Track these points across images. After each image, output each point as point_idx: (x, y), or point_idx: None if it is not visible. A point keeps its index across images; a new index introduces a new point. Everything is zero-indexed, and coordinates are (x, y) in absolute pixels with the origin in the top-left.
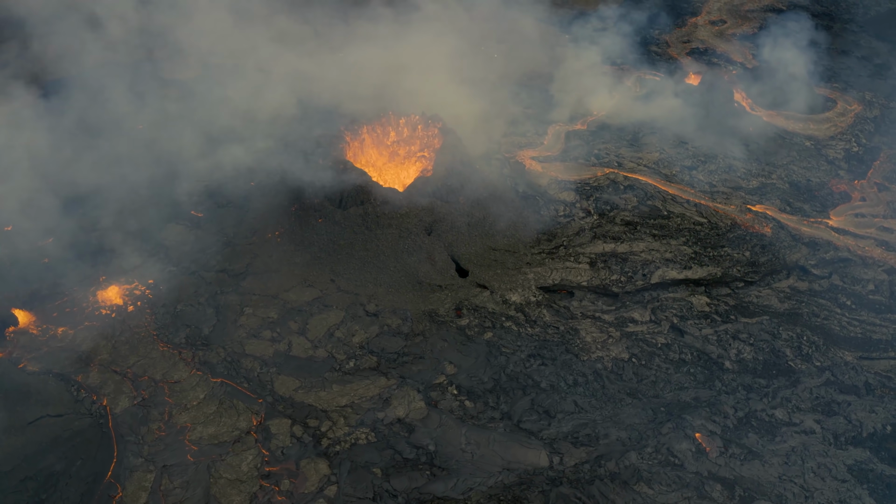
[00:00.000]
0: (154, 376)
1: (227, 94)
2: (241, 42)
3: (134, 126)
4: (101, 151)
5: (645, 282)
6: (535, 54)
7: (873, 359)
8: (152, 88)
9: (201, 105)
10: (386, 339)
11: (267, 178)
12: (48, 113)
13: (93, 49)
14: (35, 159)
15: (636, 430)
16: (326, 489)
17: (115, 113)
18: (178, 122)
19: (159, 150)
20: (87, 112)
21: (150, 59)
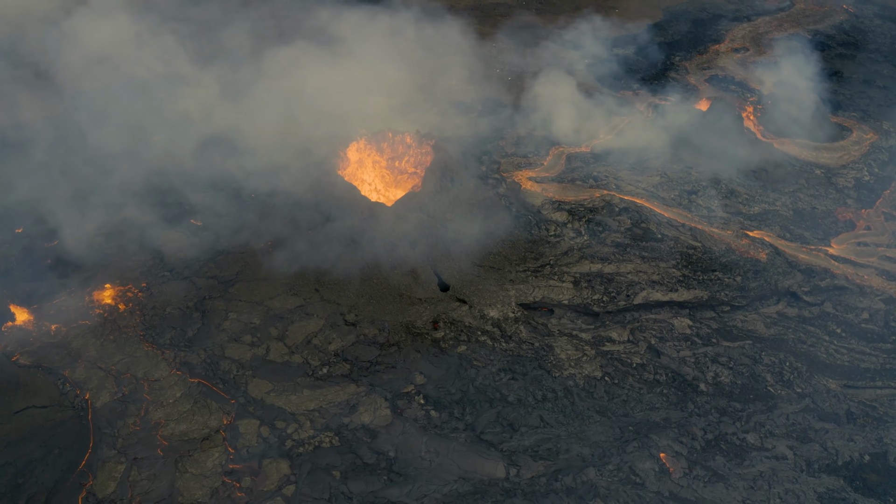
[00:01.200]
0: (136, 374)
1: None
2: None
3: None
4: (110, 157)
5: (627, 302)
6: (549, 79)
7: (859, 387)
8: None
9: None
10: (361, 348)
11: (265, 188)
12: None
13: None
14: (50, 166)
15: (600, 448)
16: (285, 488)
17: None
18: (181, 134)
19: (166, 158)
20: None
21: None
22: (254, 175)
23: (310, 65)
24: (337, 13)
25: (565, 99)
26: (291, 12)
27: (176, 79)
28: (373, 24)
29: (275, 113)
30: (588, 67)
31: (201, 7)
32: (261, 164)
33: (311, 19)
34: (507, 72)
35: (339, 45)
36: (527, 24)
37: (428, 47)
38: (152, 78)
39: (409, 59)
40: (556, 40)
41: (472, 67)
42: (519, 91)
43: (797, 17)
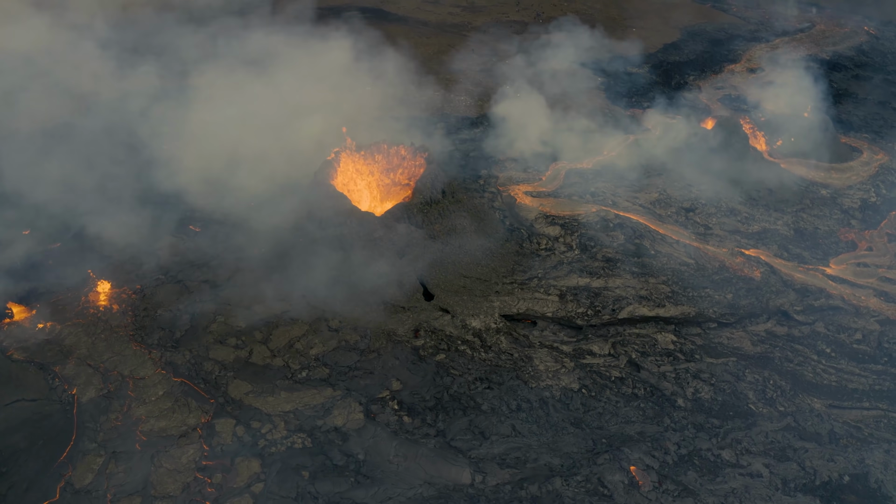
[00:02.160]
0: (123, 372)
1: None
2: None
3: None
4: (117, 165)
5: (612, 316)
6: (560, 95)
7: (844, 408)
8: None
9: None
10: (341, 353)
11: (264, 197)
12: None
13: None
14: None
15: (570, 458)
16: (254, 486)
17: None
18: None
19: (170, 168)
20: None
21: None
22: (251, 183)
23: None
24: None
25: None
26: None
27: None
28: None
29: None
30: (600, 85)
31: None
32: (261, 174)
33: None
34: (515, 88)
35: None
36: (544, 43)
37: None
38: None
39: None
40: (568, 57)
41: (480, 82)
42: (527, 105)
43: (816, 38)
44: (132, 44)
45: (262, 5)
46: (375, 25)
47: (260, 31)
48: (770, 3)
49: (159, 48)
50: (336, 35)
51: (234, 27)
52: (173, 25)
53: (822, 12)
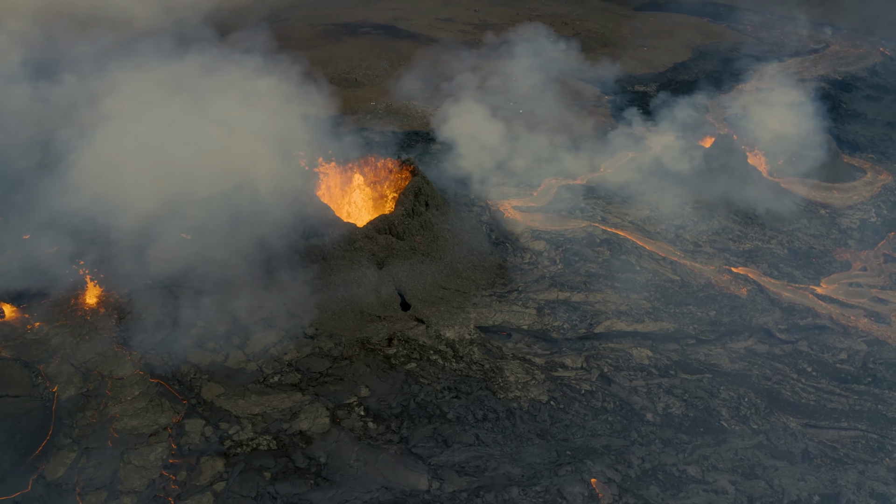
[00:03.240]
0: (103, 372)
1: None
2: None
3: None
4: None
5: (588, 331)
6: (564, 113)
7: (821, 427)
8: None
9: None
10: (314, 360)
11: (251, 207)
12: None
13: None
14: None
15: (532, 469)
16: (216, 484)
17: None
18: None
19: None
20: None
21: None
22: (244, 194)
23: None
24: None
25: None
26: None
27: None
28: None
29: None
30: (607, 102)
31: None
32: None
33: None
34: (518, 104)
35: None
36: (551, 59)
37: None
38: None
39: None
40: (577, 75)
41: (481, 99)
42: (530, 122)
43: (830, 58)
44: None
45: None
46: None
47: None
48: (785, 23)
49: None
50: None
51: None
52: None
53: (837, 33)
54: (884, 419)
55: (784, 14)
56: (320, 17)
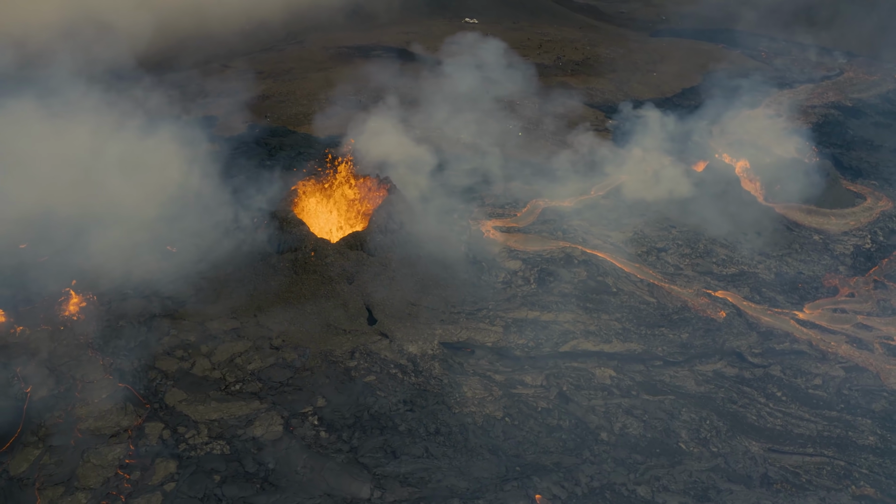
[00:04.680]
0: (75, 375)
1: None
2: None
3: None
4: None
5: (553, 349)
6: (563, 135)
7: (785, 452)
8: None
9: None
10: (276, 370)
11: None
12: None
13: None
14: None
15: (478, 483)
16: (167, 485)
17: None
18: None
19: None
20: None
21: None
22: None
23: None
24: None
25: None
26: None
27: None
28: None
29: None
30: (610, 126)
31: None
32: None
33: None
34: (518, 126)
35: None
36: (561, 84)
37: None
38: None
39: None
40: (580, 98)
41: (484, 121)
42: (527, 144)
43: (842, 85)
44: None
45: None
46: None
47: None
48: (802, 50)
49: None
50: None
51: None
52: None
53: (853, 60)
54: (853, 446)
55: (801, 41)
56: (334, 40)
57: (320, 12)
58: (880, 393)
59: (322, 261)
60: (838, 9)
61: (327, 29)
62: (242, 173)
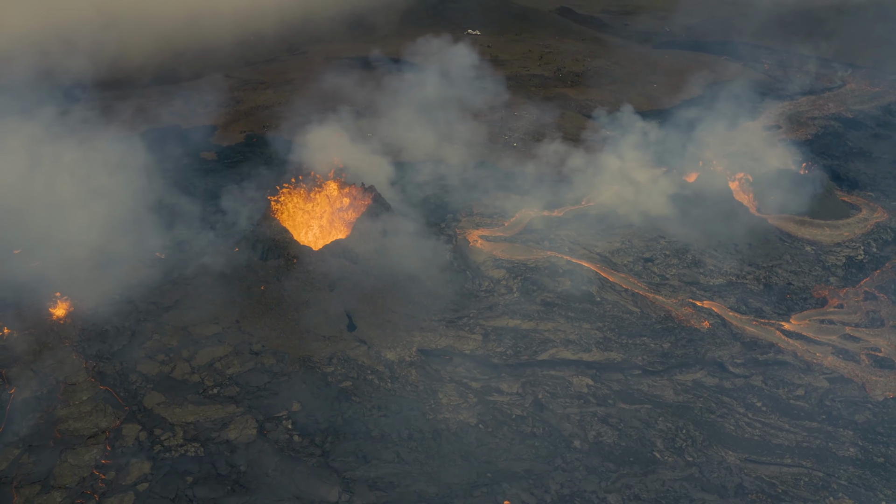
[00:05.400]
0: (58, 377)
1: None
2: None
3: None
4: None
5: (531, 357)
6: (558, 146)
7: (762, 463)
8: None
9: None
10: (255, 374)
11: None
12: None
13: None
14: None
15: (448, 489)
16: (140, 485)
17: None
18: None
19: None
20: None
21: None
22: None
23: None
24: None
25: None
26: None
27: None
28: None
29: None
30: (604, 137)
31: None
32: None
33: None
34: (515, 137)
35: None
36: (559, 95)
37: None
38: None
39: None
40: (578, 109)
41: (479, 132)
42: (522, 155)
43: (844, 97)
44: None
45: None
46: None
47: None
48: (805, 63)
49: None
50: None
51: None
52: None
53: (857, 72)
54: (833, 457)
55: (805, 53)
56: (335, 50)
57: (322, 24)
58: (864, 404)
59: (304, 268)
60: (842, 21)
61: (329, 40)
62: (226, 181)
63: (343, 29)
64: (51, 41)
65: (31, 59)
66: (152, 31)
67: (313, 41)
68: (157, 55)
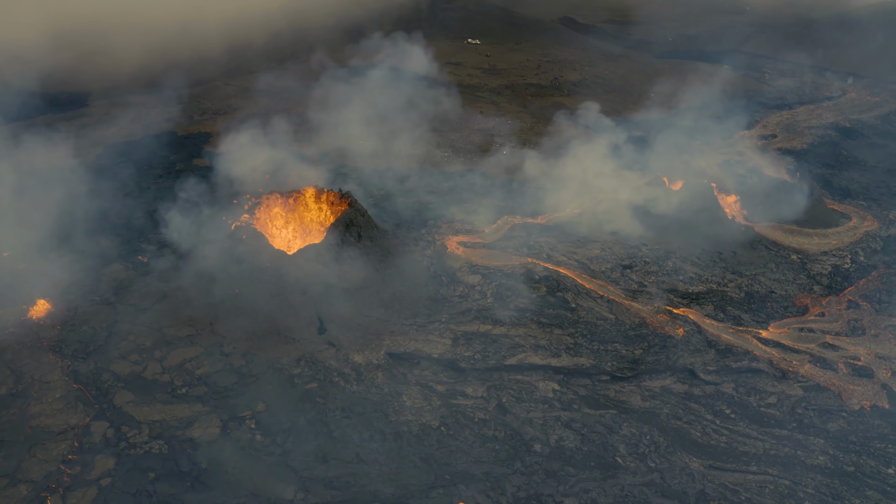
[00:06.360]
0: (34, 375)
1: None
2: None
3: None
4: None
5: (498, 362)
6: (545, 153)
7: (726, 470)
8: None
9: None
10: (223, 375)
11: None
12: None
13: None
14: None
15: (404, 489)
16: (103, 480)
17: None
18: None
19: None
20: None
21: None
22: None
23: None
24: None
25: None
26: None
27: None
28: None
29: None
30: (595, 145)
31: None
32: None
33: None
34: (506, 147)
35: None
36: (555, 104)
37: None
38: None
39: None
40: (574, 118)
41: (471, 140)
42: (510, 163)
43: (843, 106)
44: None
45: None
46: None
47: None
48: (806, 72)
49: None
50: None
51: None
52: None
53: (858, 81)
54: (801, 465)
55: (807, 63)
56: (336, 59)
57: (322, 33)
58: (839, 413)
59: (278, 272)
60: (844, 30)
61: (329, 49)
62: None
63: (336, 37)
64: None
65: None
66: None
67: (306, 51)
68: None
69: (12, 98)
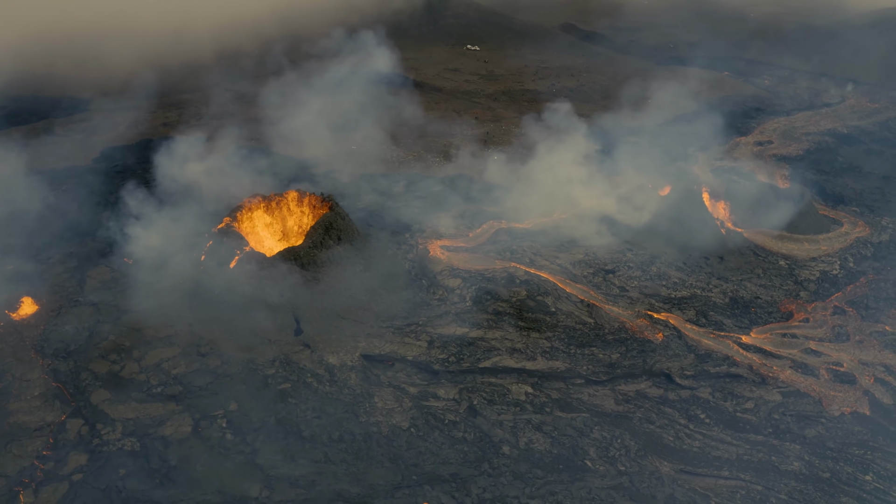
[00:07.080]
0: (15, 373)
1: None
2: None
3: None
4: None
5: (472, 365)
6: (536, 158)
7: (697, 474)
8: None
9: None
10: (198, 375)
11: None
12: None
13: None
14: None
15: (371, 489)
16: (74, 475)
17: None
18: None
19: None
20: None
21: None
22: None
23: None
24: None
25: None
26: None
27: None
28: None
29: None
30: (596, 153)
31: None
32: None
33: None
34: (497, 153)
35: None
36: (547, 110)
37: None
38: None
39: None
40: (566, 125)
41: (460, 146)
42: (500, 169)
43: (842, 113)
44: None
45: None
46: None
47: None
48: (807, 79)
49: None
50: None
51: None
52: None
53: (858, 88)
54: (775, 471)
55: (808, 70)
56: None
57: (322, 39)
58: (818, 419)
59: (257, 273)
60: (845, 38)
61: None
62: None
63: (333, 44)
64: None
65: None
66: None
67: (302, 57)
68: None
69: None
